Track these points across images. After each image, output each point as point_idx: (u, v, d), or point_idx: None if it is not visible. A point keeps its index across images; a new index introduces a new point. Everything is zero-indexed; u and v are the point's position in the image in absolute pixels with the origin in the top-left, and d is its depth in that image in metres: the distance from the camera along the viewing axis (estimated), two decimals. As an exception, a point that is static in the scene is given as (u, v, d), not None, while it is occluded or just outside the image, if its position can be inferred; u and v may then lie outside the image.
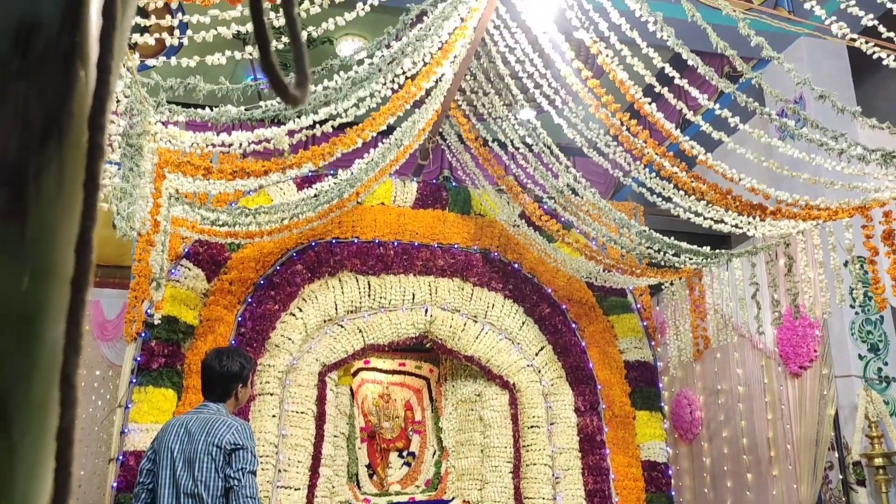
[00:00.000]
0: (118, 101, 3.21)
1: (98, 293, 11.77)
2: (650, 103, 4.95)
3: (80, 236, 0.50)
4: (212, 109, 3.98)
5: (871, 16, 3.82)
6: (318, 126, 4.49)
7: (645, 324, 8.17)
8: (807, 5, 3.99)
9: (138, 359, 6.47)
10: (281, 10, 2.87)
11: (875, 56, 3.87)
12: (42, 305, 0.48)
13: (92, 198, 0.52)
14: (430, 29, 4.24)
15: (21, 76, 0.50)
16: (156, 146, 4.15)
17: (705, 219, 5.61)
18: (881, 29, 3.83)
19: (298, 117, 4.10)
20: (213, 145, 4.28)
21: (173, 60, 3.49)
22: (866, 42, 3.91)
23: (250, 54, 3.46)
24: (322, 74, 4.00)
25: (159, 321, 6.45)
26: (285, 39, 3.70)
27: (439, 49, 5.06)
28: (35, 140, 0.50)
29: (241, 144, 4.31)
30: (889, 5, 3.62)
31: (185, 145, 4.18)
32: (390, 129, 5.92)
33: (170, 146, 4.22)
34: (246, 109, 3.99)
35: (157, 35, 3.23)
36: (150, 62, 3.48)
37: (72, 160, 0.52)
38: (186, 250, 6.99)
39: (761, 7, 6.05)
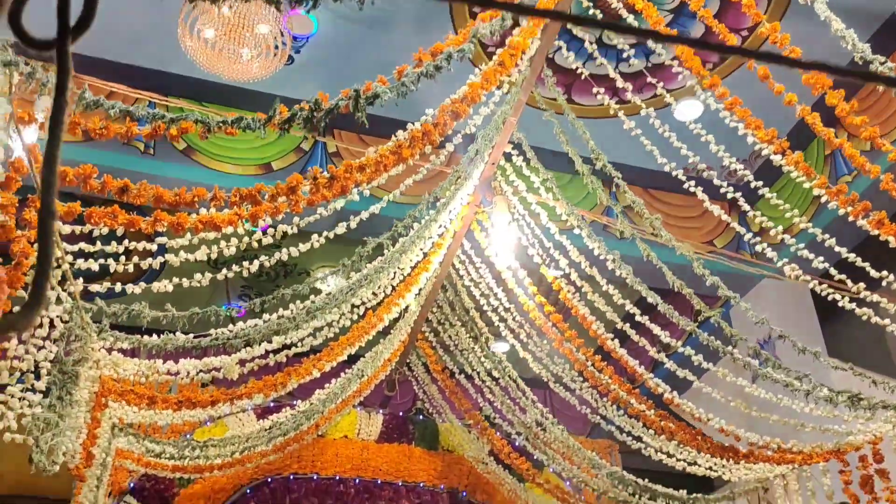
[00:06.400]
0: (52, 327, 3.09)
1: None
2: (613, 339, 4.89)
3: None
4: (159, 336, 3.86)
5: (822, 258, 3.87)
6: (271, 355, 4.35)
7: (625, 574, 7.54)
8: (758, 247, 4.06)
9: None
10: (241, 239, 2.84)
11: (830, 298, 3.88)
12: None
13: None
14: (388, 262, 4.26)
15: None
16: (97, 374, 3.97)
17: (678, 460, 5.34)
18: (832, 271, 3.87)
19: (249, 346, 3.98)
20: (159, 373, 4.10)
21: (155, 285, 3.45)
22: (820, 284, 3.94)
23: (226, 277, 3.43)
24: (273, 304, 3.95)
25: (91, 566, 5.87)
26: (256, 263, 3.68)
27: (401, 281, 5.06)
28: None
29: (188, 373, 4.15)
30: (837, 249, 3.68)
31: (129, 373, 4.00)
32: (356, 359, 5.78)
33: (112, 374, 4.05)
34: (194, 337, 3.87)
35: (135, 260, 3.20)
36: (119, 287, 3.42)
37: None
38: (132, 485, 6.54)
39: (722, 251, 6.22)
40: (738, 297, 4.27)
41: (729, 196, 4.04)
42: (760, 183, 3.92)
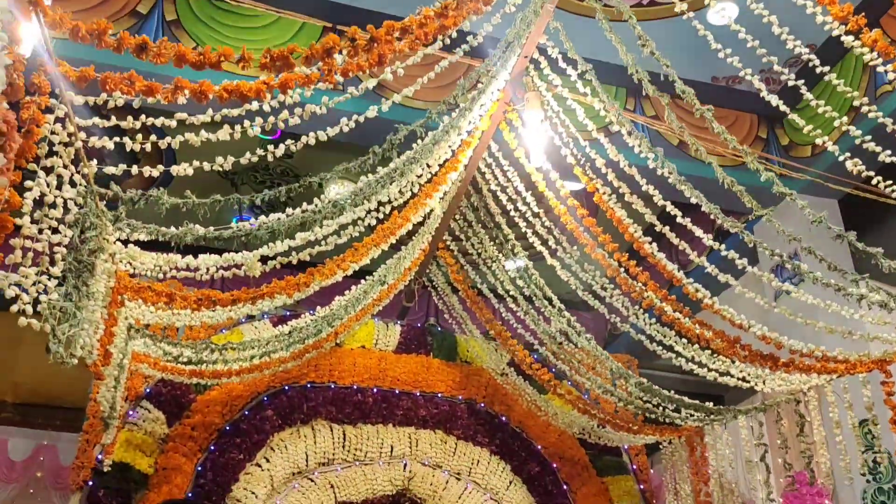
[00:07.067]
0: (66, 209, 2.86)
1: (56, 437, 10.99)
2: (650, 243, 4.66)
3: None
4: (177, 228, 3.63)
5: (889, 151, 3.61)
6: (294, 253, 4.13)
7: (642, 487, 7.51)
8: (818, 140, 3.79)
9: (82, 511, 5.79)
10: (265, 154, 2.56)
11: (894, 195, 3.63)
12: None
13: None
14: (419, 154, 3.99)
15: None
16: (113, 268, 3.76)
17: (710, 370, 5.18)
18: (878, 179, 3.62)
19: (272, 241, 3.75)
20: (178, 268, 3.90)
21: (174, 168, 3.20)
22: (885, 180, 3.68)
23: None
24: (299, 194, 3.70)
25: (109, 468, 5.82)
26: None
27: (428, 181, 4.81)
28: None
29: (207, 269, 3.94)
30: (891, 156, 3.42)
31: (146, 266, 3.79)
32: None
33: (129, 268, 3.84)
34: (215, 229, 3.64)
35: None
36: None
37: None
38: (148, 390, 6.45)
39: (766, 154, 5.93)
40: (794, 195, 4.02)
41: (790, 84, 3.74)
42: (827, 68, 3.61)
